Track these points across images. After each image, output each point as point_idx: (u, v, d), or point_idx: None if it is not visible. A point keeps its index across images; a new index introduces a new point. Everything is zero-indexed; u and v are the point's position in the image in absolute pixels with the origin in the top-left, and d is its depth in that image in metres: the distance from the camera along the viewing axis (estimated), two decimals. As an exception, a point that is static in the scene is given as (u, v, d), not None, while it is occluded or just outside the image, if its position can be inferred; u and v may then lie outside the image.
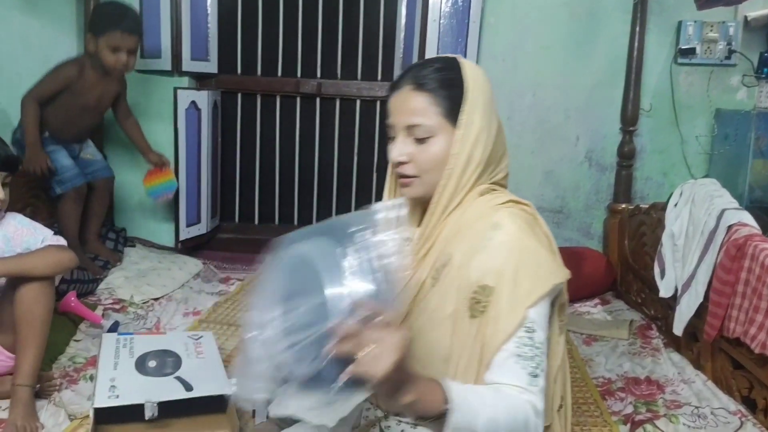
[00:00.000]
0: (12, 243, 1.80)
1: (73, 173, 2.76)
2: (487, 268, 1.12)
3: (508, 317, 1.10)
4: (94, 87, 2.72)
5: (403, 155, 1.19)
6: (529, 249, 1.13)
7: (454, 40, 3.11)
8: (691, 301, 2.11)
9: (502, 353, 1.09)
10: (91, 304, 2.49)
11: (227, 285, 2.99)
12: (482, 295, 1.12)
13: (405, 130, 1.19)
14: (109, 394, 1.63)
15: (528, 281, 1.11)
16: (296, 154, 3.61)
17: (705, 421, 1.84)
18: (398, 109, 1.20)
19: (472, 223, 1.18)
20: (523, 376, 1.08)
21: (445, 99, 1.18)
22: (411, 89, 1.19)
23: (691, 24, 3.03)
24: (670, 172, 3.20)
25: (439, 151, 1.18)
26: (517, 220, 1.16)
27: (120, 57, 2.62)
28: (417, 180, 1.20)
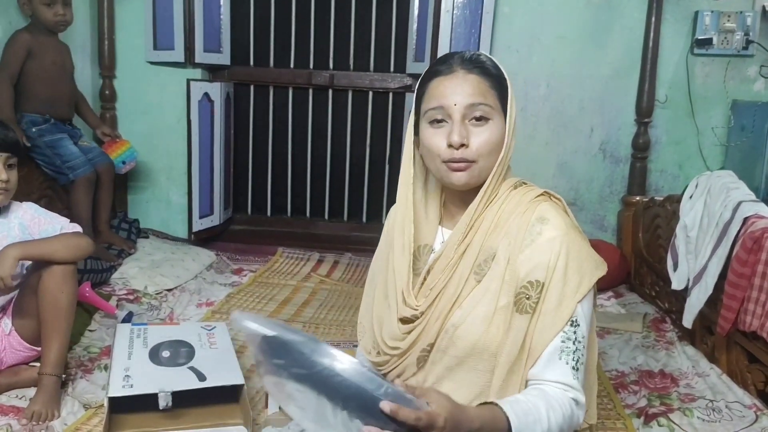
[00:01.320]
0: (29, 231, 1.81)
1: (82, 159, 2.79)
2: (537, 263, 1.12)
3: (557, 312, 1.11)
4: (50, 48, 2.76)
5: (464, 138, 1.15)
6: (576, 243, 1.15)
7: (468, 31, 3.09)
8: (701, 293, 2.10)
9: (548, 348, 1.12)
10: (105, 294, 2.51)
11: (240, 276, 3.01)
12: (532, 291, 1.13)
13: (464, 110, 1.16)
14: (123, 383, 1.65)
15: (576, 276, 1.12)
16: (308, 146, 3.62)
17: (719, 414, 1.82)
18: (455, 91, 1.16)
19: (511, 216, 1.17)
20: (567, 371, 1.11)
21: (497, 86, 1.19)
22: (466, 73, 1.17)
23: (708, 14, 2.99)
24: (686, 164, 3.16)
25: (497, 136, 1.17)
26: (562, 213, 1.17)
27: (57, 9, 2.67)
28: (474, 165, 1.16)
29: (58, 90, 2.81)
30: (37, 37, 2.70)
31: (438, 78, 1.20)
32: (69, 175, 2.75)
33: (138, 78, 3.29)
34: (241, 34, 3.46)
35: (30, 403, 1.71)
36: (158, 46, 3.23)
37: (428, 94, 1.20)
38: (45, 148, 2.72)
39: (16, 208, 1.84)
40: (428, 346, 1.19)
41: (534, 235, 1.14)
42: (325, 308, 2.67)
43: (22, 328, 1.83)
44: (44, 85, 2.74)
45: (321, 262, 3.27)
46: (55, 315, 1.75)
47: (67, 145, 2.77)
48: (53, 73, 2.77)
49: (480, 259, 1.17)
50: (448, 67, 1.19)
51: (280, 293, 2.80)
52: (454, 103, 1.16)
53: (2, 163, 1.74)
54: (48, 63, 2.74)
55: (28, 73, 2.70)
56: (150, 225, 3.38)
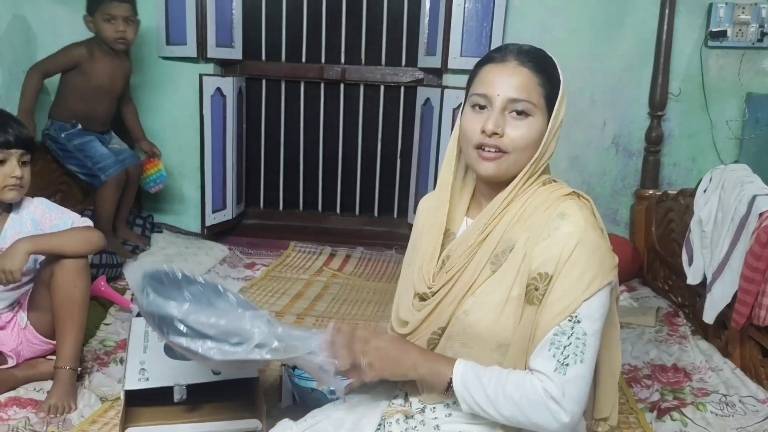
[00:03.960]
0: (40, 226, 1.83)
1: (112, 160, 2.83)
2: (549, 256, 1.13)
3: (560, 305, 1.11)
4: (105, 68, 2.79)
5: (499, 127, 1.16)
6: (592, 241, 1.14)
7: (479, 24, 3.08)
8: (726, 289, 2.07)
9: (543, 340, 1.12)
10: (120, 288, 2.53)
11: (253, 270, 3.02)
12: (540, 282, 1.13)
13: (505, 102, 1.16)
14: (139, 376, 1.66)
15: (588, 273, 1.12)
16: (320, 140, 3.62)
17: (733, 409, 1.82)
18: (501, 81, 1.17)
19: (535, 211, 1.18)
20: (550, 363, 1.10)
21: (547, 84, 1.19)
22: (518, 65, 1.17)
23: (722, 6, 2.96)
24: (699, 157, 3.14)
25: (535, 132, 1.17)
26: (584, 211, 1.17)
27: (117, 26, 2.69)
28: (505, 157, 1.17)
29: (95, 110, 2.85)
30: (93, 54, 2.73)
31: (490, 65, 1.20)
32: (101, 176, 2.79)
33: (151, 73, 3.31)
34: (252, 29, 3.47)
35: (47, 397, 1.73)
36: (171, 41, 3.24)
37: (477, 79, 1.21)
38: (75, 151, 2.77)
39: (28, 203, 1.86)
40: (439, 329, 1.21)
41: (551, 230, 1.14)
42: (337, 302, 2.68)
43: (37, 322, 1.86)
44: (82, 102, 2.78)
45: (333, 257, 3.28)
46: (68, 309, 1.77)
47: (96, 147, 2.82)
48: (94, 94, 2.80)
49: (498, 249, 1.18)
50: (502, 56, 1.20)
51: (292, 287, 2.82)
52: (498, 93, 1.17)
53: (16, 160, 1.76)
54: (93, 85, 2.77)
55: (69, 84, 2.75)
56: (163, 220, 3.40)
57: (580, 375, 1.10)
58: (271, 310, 2.52)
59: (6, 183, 1.74)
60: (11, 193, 1.77)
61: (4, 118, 1.80)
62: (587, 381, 1.11)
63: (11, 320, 1.87)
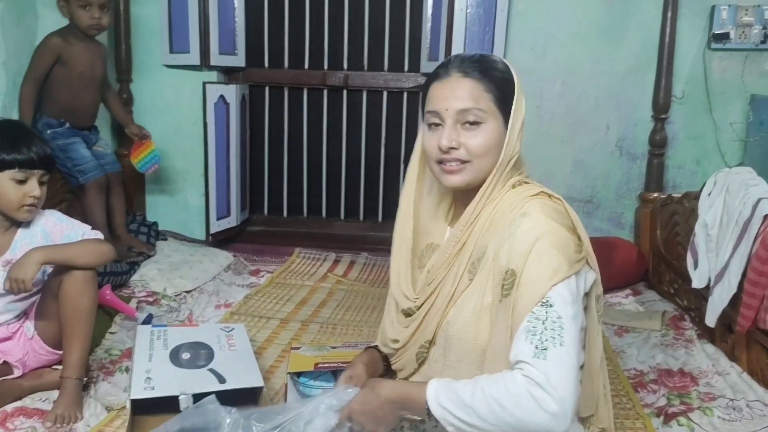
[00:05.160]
0: (51, 237, 1.84)
1: (93, 164, 2.81)
2: (512, 254, 1.14)
3: (528, 295, 1.11)
4: (83, 53, 2.76)
5: (453, 141, 1.19)
6: (553, 233, 1.14)
7: (482, 29, 3.08)
8: (724, 292, 2.07)
9: (518, 331, 1.11)
10: (125, 296, 2.54)
11: (257, 277, 3.03)
12: (506, 280, 1.14)
13: (455, 115, 1.19)
14: (145, 385, 1.66)
15: (552, 261, 1.12)
16: (324, 147, 3.63)
17: (740, 413, 1.81)
18: (448, 95, 1.20)
19: (504, 215, 1.19)
20: (527, 349, 1.07)
21: (495, 87, 1.20)
22: (461, 76, 1.20)
23: (725, 8, 2.95)
24: (703, 160, 3.13)
25: (491, 138, 1.20)
26: (546, 208, 1.18)
27: (93, 13, 2.67)
28: (468, 166, 1.20)
29: (82, 99, 2.83)
30: (70, 41, 2.71)
31: (435, 82, 1.24)
32: (79, 179, 2.78)
33: (154, 81, 3.32)
34: (255, 36, 3.48)
35: (53, 406, 1.74)
36: (174, 50, 3.25)
37: (428, 98, 1.25)
38: (58, 151, 2.73)
39: (39, 216, 1.86)
40: (426, 343, 1.24)
41: (513, 229, 1.15)
42: (342, 308, 2.68)
43: (44, 332, 1.86)
44: (68, 92, 2.76)
45: (337, 262, 3.28)
46: (76, 319, 1.77)
47: (79, 149, 2.80)
48: (79, 83, 2.78)
49: (474, 257, 1.20)
50: (445, 71, 1.23)
51: (297, 294, 2.82)
52: (446, 108, 1.20)
53: (37, 180, 1.75)
54: (75, 73, 2.75)
55: (53, 78, 2.72)
56: (168, 227, 3.41)
57: (561, 357, 1.05)
58: (275, 317, 2.53)
59: (24, 202, 1.74)
60: (27, 213, 1.77)
61: (29, 135, 1.78)
62: (571, 366, 1.06)
63: (18, 330, 1.87)
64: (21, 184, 1.73)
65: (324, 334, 2.39)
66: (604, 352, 2.21)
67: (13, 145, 1.73)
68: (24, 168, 1.73)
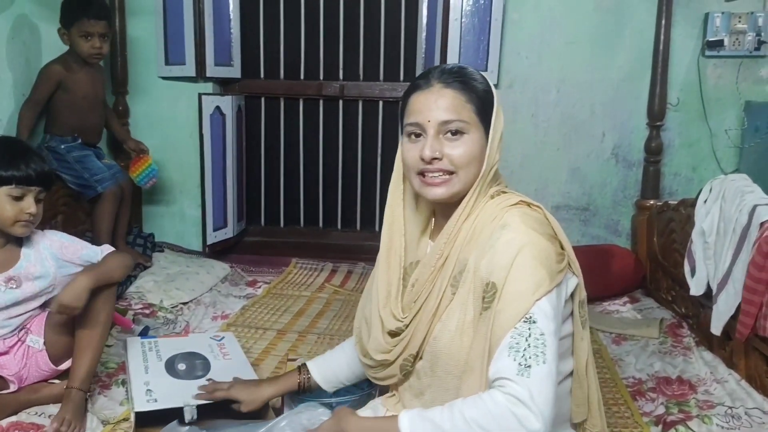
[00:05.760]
0: (63, 259, 1.85)
1: (109, 173, 2.86)
2: (494, 266, 1.13)
3: (510, 310, 1.10)
4: (84, 78, 2.80)
5: (437, 151, 1.18)
6: (534, 244, 1.13)
7: (476, 38, 3.10)
8: (729, 299, 2.06)
9: (500, 346, 1.10)
10: (121, 308, 2.52)
11: (254, 288, 3.02)
12: (487, 293, 1.13)
13: (437, 126, 1.18)
14: (147, 398, 1.66)
15: (534, 275, 1.11)
16: (320, 157, 3.63)
17: (739, 421, 1.80)
18: (429, 106, 1.19)
19: (484, 226, 1.18)
20: (510, 366, 1.06)
21: (476, 98, 1.20)
22: (442, 87, 1.19)
23: (719, 15, 2.97)
24: (699, 166, 3.14)
25: (474, 148, 1.19)
26: (526, 218, 1.17)
27: (94, 43, 2.70)
28: (453, 177, 1.19)
29: (89, 119, 2.88)
30: (70, 67, 2.75)
31: (416, 93, 1.22)
32: (97, 188, 2.80)
33: (150, 93, 3.33)
34: (251, 47, 3.49)
35: (58, 413, 1.72)
36: (170, 61, 3.26)
37: (408, 109, 1.23)
38: (74, 163, 2.79)
39: (40, 237, 1.86)
40: (410, 357, 1.23)
41: (493, 241, 1.14)
42: (339, 319, 2.67)
43: (52, 346, 1.85)
44: (75, 115, 2.81)
45: (335, 272, 3.27)
46: (91, 332, 1.78)
47: (94, 160, 2.85)
48: (84, 105, 2.82)
49: (455, 271, 1.19)
50: (426, 82, 1.22)
51: (294, 304, 2.81)
52: (428, 119, 1.19)
53: (33, 197, 1.75)
54: (79, 96, 2.80)
55: (59, 103, 2.77)
56: (165, 238, 3.40)
57: (544, 375, 1.05)
58: (273, 328, 2.52)
59: (20, 218, 1.74)
60: (22, 228, 1.76)
61: (27, 152, 1.78)
62: (553, 382, 1.07)
63: (15, 344, 1.86)
64: (17, 201, 1.73)
65: (321, 345, 2.38)
66: (602, 360, 2.22)
67: (11, 161, 1.73)
68: (21, 184, 1.73)
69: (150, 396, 1.67)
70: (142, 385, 1.73)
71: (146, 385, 1.73)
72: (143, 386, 1.72)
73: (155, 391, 1.70)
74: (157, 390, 1.70)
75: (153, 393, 1.69)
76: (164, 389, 1.71)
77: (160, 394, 1.68)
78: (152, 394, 1.68)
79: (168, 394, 1.69)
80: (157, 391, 1.70)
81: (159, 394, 1.68)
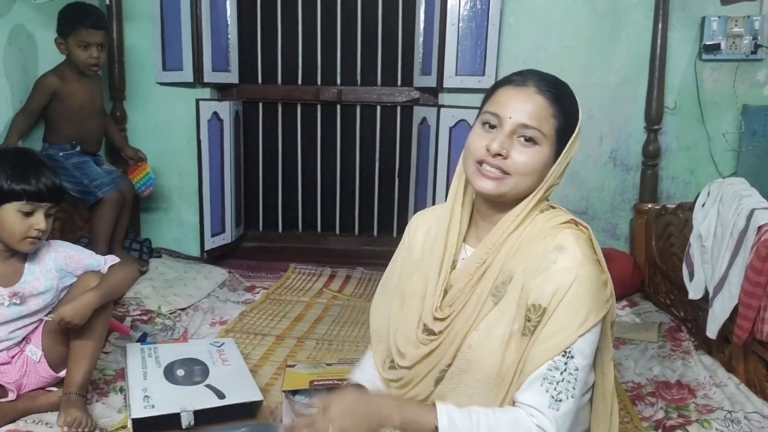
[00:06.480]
0: (67, 270, 1.84)
1: (108, 178, 2.85)
2: (545, 290, 1.12)
3: (554, 340, 1.11)
4: (81, 88, 2.80)
5: (504, 149, 1.15)
6: (588, 276, 1.13)
7: (474, 43, 3.10)
8: (725, 303, 2.07)
9: (534, 373, 1.11)
10: (119, 315, 2.52)
11: (253, 294, 3.01)
12: (533, 314, 1.13)
13: (515, 126, 1.16)
14: (144, 404, 1.67)
15: (584, 309, 1.11)
16: (318, 162, 3.63)
17: (738, 426, 1.80)
18: (516, 105, 1.16)
19: (533, 241, 1.17)
20: (543, 398, 1.09)
21: (561, 116, 1.18)
22: (536, 92, 1.17)
23: (715, 19, 2.97)
24: (697, 170, 3.14)
25: (539, 161, 1.17)
26: (581, 243, 1.16)
27: (91, 52, 2.70)
28: (507, 179, 1.16)
29: (87, 129, 2.88)
30: (67, 77, 2.74)
31: (508, 86, 1.20)
32: (97, 194, 2.79)
33: (148, 99, 3.33)
34: (248, 53, 3.49)
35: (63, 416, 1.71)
36: (167, 67, 3.26)
37: (493, 98, 1.21)
38: (73, 169, 2.78)
39: (46, 249, 1.84)
40: (446, 366, 1.20)
41: (548, 263, 1.13)
42: (338, 324, 2.66)
43: (50, 354, 1.85)
44: (72, 125, 2.80)
45: (333, 277, 3.27)
46: (87, 341, 1.78)
47: (93, 166, 2.85)
48: (81, 114, 2.82)
49: (498, 281, 1.17)
50: (522, 80, 1.20)
51: (293, 310, 2.81)
52: (510, 116, 1.16)
53: (44, 213, 1.72)
54: (76, 106, 2.79)
55: (56, 113, 2.77)
56: (163, 244, 3.40)
57: (570, 410, 1.10)
58: (271, 333, 2.51)
59: (28, 234, 1.70)
60: (30, 246, 1.73)
61: (39, 166, 1.73)
62: (574, 414, 1.12)
63: (16, 354, 1.85)
64: (27, 216, 1.69)
65: (320, 351, 2.37)
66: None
67: (23, 175, 1.68)
68: (32, 200, 1.69)
69: (147, 402, 1.68)
70: (140, 392, 1.73)
71: (144, 391, 1.73)
72: (141, 392, 1.72)
73: (153, 397, 1.70)
74: (155, 396, 1.71)
75: (151, 399, 1.69)
76: (162, 395, 1.72)
77: (158, 400, 1.69)
78: (150, 401, 1.68)
79: (166, 400, 1.69)
80: (154, 397, 1.70)
81: (157, 400, 1.68)
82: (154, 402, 1.68)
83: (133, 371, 1.85)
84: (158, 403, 1.67)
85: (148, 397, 1.70)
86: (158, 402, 1.68)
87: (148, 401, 1.68)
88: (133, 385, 1.77)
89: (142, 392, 1.72)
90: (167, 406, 1.66)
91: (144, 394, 1.71)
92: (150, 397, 1.70)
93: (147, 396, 1.71)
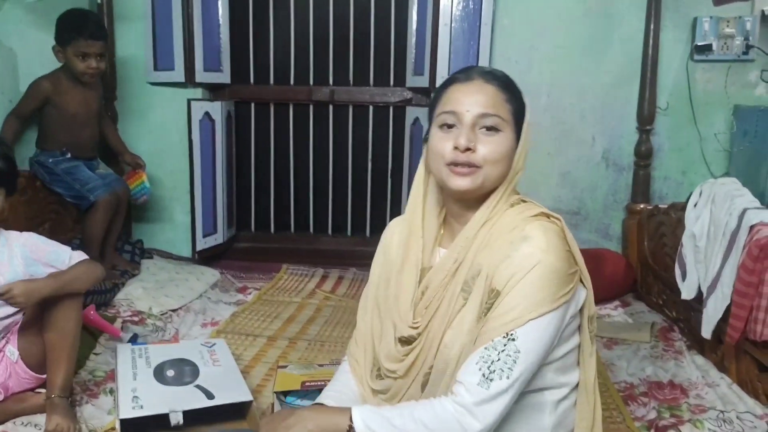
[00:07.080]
0: (33, 258, 1.81)
1: (100, 182, 2.82)
2: (504, 274, 1.12)
3: (500, 321, 1.10)
4: (76, 96, 2.77)
5: (471, 142, 1.16)
6: (550, 264, 1.12)
7: (466, 44, 3.10)
8: (718, 303, 2.07)
9: (474, 352, 1.11)
10: (110, 316, 2.50)
11: (245, 294, 3.00)
12: (489, 298, 1.13)
13: (474, 118, 1.16)
14: (133, 405, 1.66)
15: (539, 294, 1.10)
16: (310, 162, 3.62)
17: (731, 426, 1.80)
18: (470, 98, 1.17)
19: (501, 234, 1.17)
20: (475, 377, 1.08)
21: (514, 101, 1.20)
22: (484, 82, 1.18)
23: (707, 20, 2.98)
24: (689, 170, 3.15)
25: (506, 147, 1.18)
26: (548, 234, 1.15)
27: (90, 63, 2.68)
28: (479, 171, 1.16)
29: (80, 136, 2.85)
30: (61, 85, 2.72)
31: (455, 84, 1.21)
32: (90, 197, 2.77)
33: (139, 99, 3.31)
34: (240, 53, 3.48)
35: (48, 422, 1.70)
36: (158, 67, 3.24)
37: (443, 99, 1.21)
38: (64, 175, 2.76)
39: (16, 237, 1.82)
40: (429, 369, 1.20)
41: (512, 251, 1.13)
42: (330, 325, 2.65)
43: (27, 356, 1.82)
44: (65, 132, 2.78)
45: (325, 278, 3.26)
46: (61, 342, 1.75)
47: (84, 170, 2.82)
48: (74, 122, 2.79)
49: (468, 276, 1.17)
50: (467, 76, 1.21)
51: (285, 311, 2.79)
52: (467, 110, 1.17)
53: None
54: (69, 114, 2.77)
55: (49, 118, 2.75)
56: (154, 245, 3.38)
57: (502, 389, 1.08)
58: (263, 334, 2.50)
59: None
60: None
61: None
62: (511, 397, 1.09)
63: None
64: None
65: (312, 352, 2.36)
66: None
67: None
68: None
69: (136, 403, 1.67)
70: (129, 392, 1.72)
71: (133, 391, 1.72)
72: (130, 393, 1.71)
73: (142, 397, 1.69)
74: (144, 396, 1.70)
75: (139, 400, 1.68)
76: (151, 396, 1.71)
77: (147, 400, 1.68)
78: (138, 401, 1.68)
79: (155, 400, 1.68)
80: (143, 397, 1.69)
81: (145, 401, 1.67)
82: (142, 402, 1.67)
83: (122, 372, 1.84)
84: (147, 403, 1.67)
85: (137, 398, 1.69)
86: (147, 402, 1.67)
87: (136, 402, 1.67)
88: (123, 386, 1.76)
89: (131, 393, 1.71)
90: (156, 406, 1.65)
91: (133, 394, 1.70)
92: (139, 398, 1.69)
93: (136, 396, 1.70)
